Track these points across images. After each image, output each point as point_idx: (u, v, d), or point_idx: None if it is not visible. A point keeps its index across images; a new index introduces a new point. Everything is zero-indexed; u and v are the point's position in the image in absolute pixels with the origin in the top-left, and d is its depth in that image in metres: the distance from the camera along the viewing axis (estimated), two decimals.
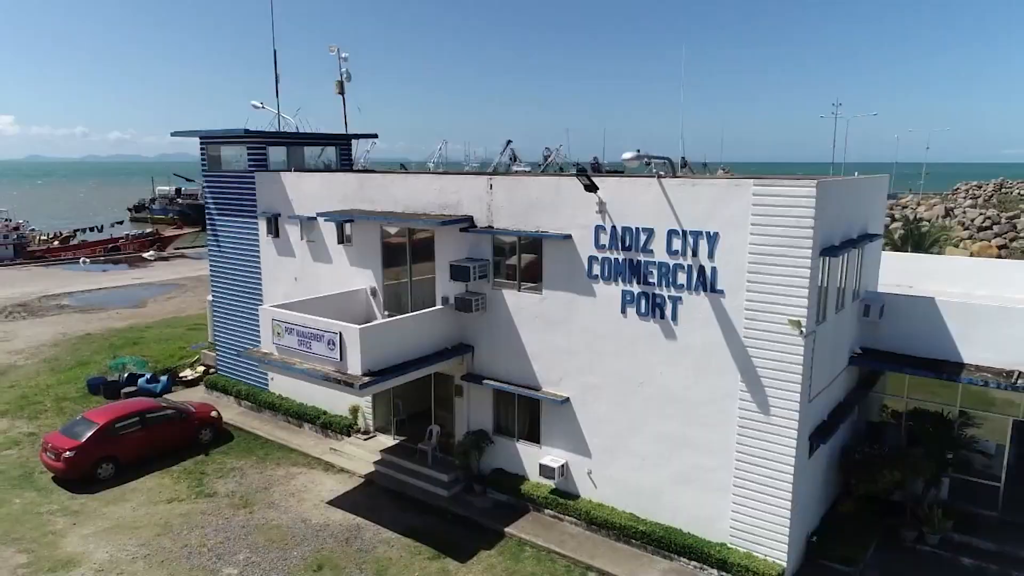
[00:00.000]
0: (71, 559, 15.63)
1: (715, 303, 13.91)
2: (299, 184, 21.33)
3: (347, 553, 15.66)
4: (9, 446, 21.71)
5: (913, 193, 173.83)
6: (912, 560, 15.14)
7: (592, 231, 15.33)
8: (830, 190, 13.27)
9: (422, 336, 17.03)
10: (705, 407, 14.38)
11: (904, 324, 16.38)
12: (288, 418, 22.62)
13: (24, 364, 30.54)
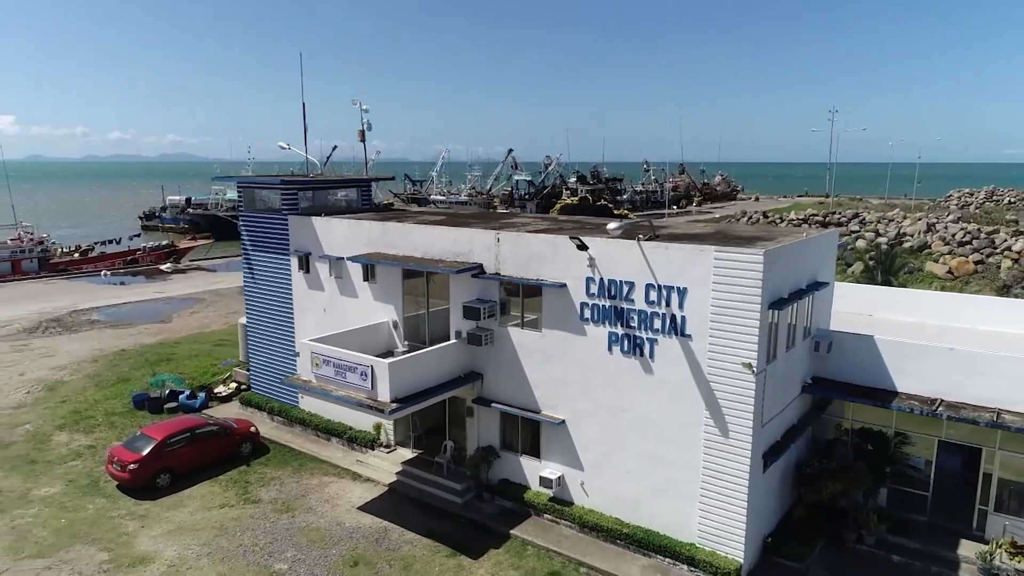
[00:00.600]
0: (145, 556, 18.57)
1: (684, 345, 16.85)
2: (328, 228, 24.27)
3: (378, 552, 18.60)
4: (73, 458, 24.66)
5: (908, 198, 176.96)
6: (852, 558, 18.06)
7: (584, 281, 18.26)
8: (777, 255, 16.19)
9: (440, 366, 19.98)
10: (677, 431, 17.31)
11: (849, 358, 19.33)
12: (317, 432, 25.55)
13: (70, 380, 33.48)
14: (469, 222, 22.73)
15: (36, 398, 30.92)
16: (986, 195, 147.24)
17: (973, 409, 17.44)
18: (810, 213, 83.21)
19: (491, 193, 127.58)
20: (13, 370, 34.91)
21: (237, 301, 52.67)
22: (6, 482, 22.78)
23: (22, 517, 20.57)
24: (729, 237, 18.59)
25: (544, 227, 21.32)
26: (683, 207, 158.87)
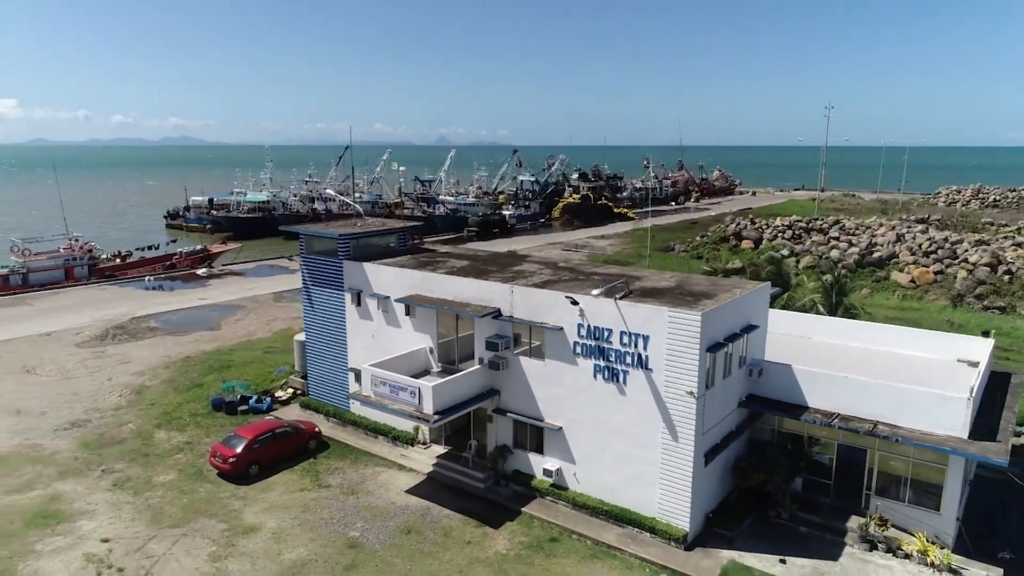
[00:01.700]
0: (253, 527, 25.26)
1: (648, 376, 23.37)
2: (377, 272, 30.78)
3: (424, 523, 25.27)
4: (176, 452, 31.34)
5: (900, 192, 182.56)
6: (771, 529, 24.67)
7: (576, 326, 24.76)
8: (712, 314, 22.64)
9: (468, 386, 26.56)
10: (642, 437, 23.87)
11: (774, 381, 25.84)
12: (367, 432, 32.18)
13: (151, 384, 40.15)
14: (488, 272, 29.21)
15: (129, 401, 37.60)
16: (972, 193, 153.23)
17: (858, 422, 23.95)
18: (795, 220, 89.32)
19: (497, 193, 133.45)
20: (101, 376, 41.60)
21: (275, 308, 59.36)
22: (132, 471, 29.48)
23: (152, 497, 27.29)
24: (684, 293, 25.05)
25: (547, 278, 27.79)
26: (681, 203, 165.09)
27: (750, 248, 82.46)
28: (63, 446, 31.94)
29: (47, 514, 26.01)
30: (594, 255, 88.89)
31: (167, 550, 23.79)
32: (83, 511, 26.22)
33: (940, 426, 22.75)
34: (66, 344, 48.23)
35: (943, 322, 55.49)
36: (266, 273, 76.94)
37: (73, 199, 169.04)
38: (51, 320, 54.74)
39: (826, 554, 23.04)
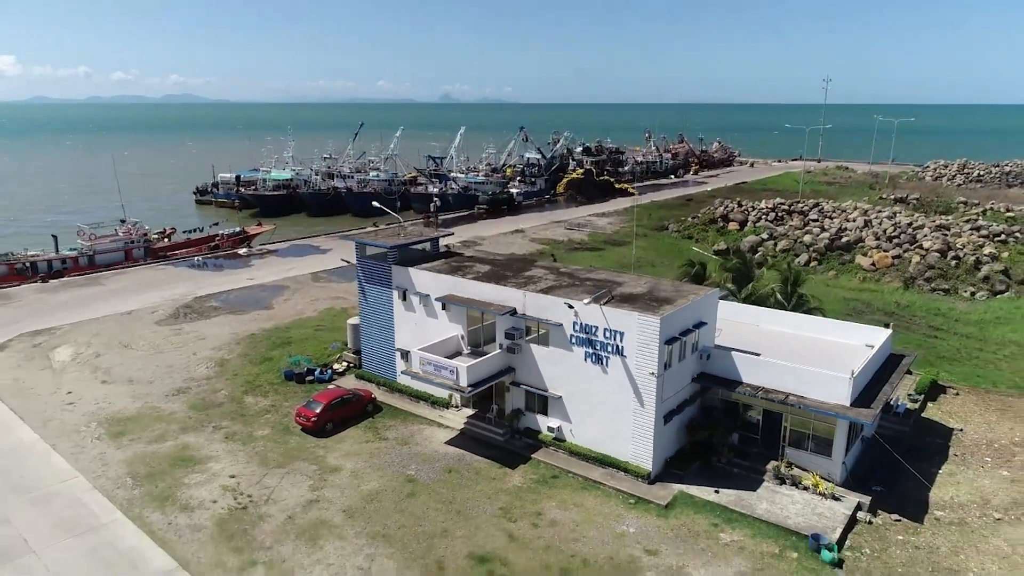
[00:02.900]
0: (336, 467, 34.65)
1: (623, 361, 32.39)
2: (419, 275, 39.68)
3: (460, 465, 34.64)
4: (265, 413, 40.68)
5: (894, 163, 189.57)
6: (712, 470, 33.90)
7: (571, 323, 33.71)
8: (669, 317, 31.50)
9: (492, 365, 35.66)
10: (620, 405, 32.99)
11: (718, 363, 34.85)
12: (410, 398, 41.42)
13: (229, 358, 49.42)
14: (506, 277, 38.06)
15: (215, 372, 46.94)
16: (958, 168, 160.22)
17: (776, 394, 32.98)
18: (778, 202, 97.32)
19: (504, 169, 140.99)
20: (186, 350, 50.90)
21: (315, 288, 68.38)
22: (235, 427, 38.89)
23: (257, 446, 36.70)
24: (652, 299, 33.88)
25: (551, 284, 36.65)
26: (680, 176, 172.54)
27: (736, 230, 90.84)
28: (176, 408, 41.38)
29: (183, 458, 35.50)
30: (595, 234, 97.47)
31: (278, 483, 33.26)
32: (209, 456, 35.70)
33: (832, 397, 31.79)
34: (147, 322, 57.47)
35: (892, 303, 64.45)
36: (298, 253, 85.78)
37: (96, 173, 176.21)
38: (125, 300, 63.92)
39: (748, 487, 32.33)
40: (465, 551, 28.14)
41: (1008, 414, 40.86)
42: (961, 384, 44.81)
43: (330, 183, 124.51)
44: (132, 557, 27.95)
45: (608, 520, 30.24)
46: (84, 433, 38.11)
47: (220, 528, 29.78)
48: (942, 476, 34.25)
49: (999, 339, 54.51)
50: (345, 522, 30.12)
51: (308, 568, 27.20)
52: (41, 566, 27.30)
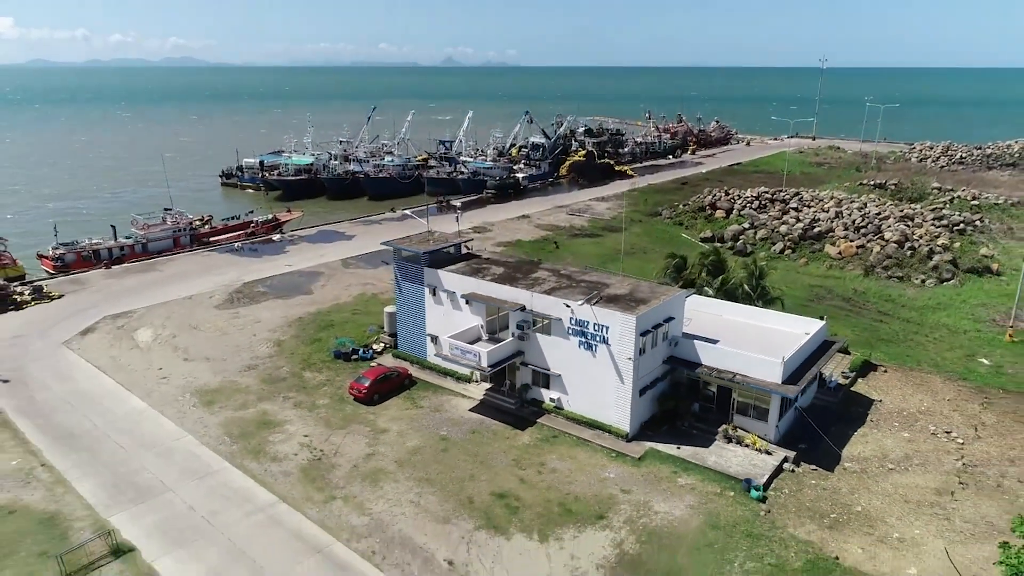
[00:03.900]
0: (385, 429, 44.54)
1: (607, 348, 42.03)
2: (447, 275, 49.17)
3: (481, 428, 44.53)
4: (322, 386, 50.49)
5: (886, 140, 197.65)
6: (677, 433, 43.66)
7: (568, 318, 43.28)
8: (644, 315, 40.99)
9: (506, 350, 45.35)
10: (605, 382, 42.70)
11: (684, 348, 44.47)
12: (438, 374, 51.17)
13: (284, 339, 59.13)
14: (516, 279, 47.48)
15: (275, 351, 56.70)
16: (943, 150, 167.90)
17: (727, 373, 42.60)
18: (762, 191, 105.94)
19: (510, 149, 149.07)
20: (247, 332, 60.61)
21: (347, 275, 77.78)
22: (300, 397, 48.73)
23: (320, 412, 46.52)
24: (632, 299, 43.26)
25: (552, 285, 46.07)
26: (678, 156, 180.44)
27: (722, 217, 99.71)
28: (250, 382, 51.24)
29: (265, 422, 45.43)
30: (594, 220, 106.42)
31: (341, 440, 43.19)
32: (285, 420, 45.63)
33: (768, 376, 41.40)
34: (207, 307, 67.14)
35: (850, 289, 73.73)
36: (327, 239, 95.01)
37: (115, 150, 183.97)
38: (182, 285, 73.49)
39: (703, 444, 42.13)
40: (488, 490, 38.09)
41: (922, 388, 50.53)
42: (890, 363, 54.43)
43: (347, 167, 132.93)
44: (243, 494, 37.98)
45: (595, 468, 40.15)
46: (182, 402, 48.06)
47: (303, 473, 39.78)
48: (856, 437, 44.02)
49: (934, 323, 63.93)
50: (397, 469, 40.10)
51: (374, 502, 37.20)
52: (179, 500, 37.35)
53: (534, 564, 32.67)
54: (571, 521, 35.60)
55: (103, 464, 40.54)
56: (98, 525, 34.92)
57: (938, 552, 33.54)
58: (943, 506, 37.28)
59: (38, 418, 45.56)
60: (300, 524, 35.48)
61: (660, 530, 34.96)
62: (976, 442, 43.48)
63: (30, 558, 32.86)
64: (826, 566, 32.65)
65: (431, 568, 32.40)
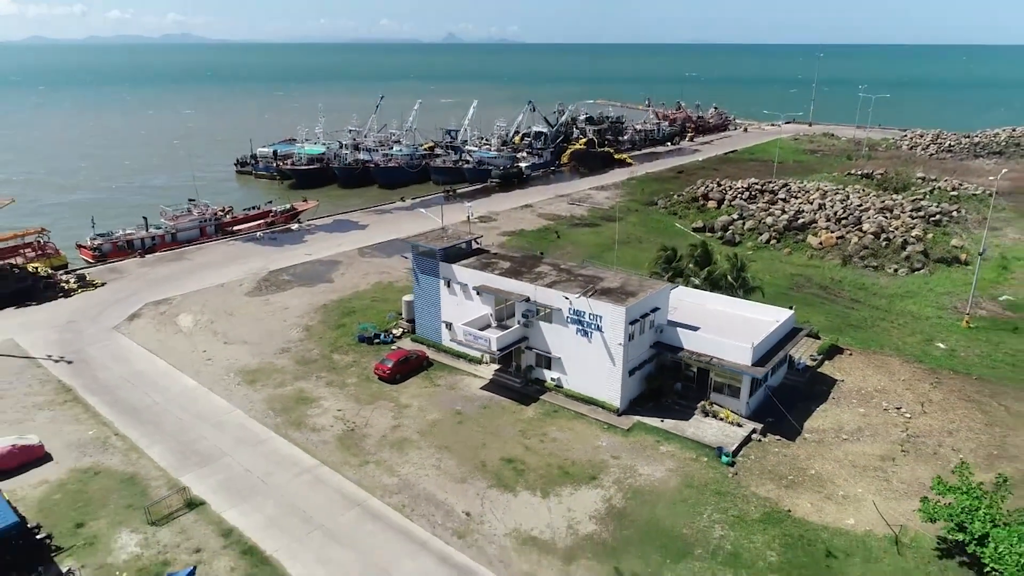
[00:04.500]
0: (407, 404, 51.17)
1: (601, 335, 48.47)
2: (460, 269, 55.51)
3: (492, 403, 51.11)
4: (350, 367, 57.03)
5: (880, 127, 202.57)
6: (661, 408, 50.16)
7: (567, 308, 49.69)
8: (633, 306, 47.36)
9: (513, 336, 51.83)
10: (599, 364, 49.17)
11: (668, 334, 50.93)
12: (452, 356, 57.66)
13: (312, 324, 65.58)
14: (522, 272, 53.79)
15: (304, 335, 63.19)
16: (932, 138, 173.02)
17: (705, 356, 49.04)
18: (752, 182, 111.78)
19: (514, 141, 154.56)
20: (277, 318, 67.06)
21: (363, 263, 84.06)
22: (331, 377, 55.30)
23: (350, 390, 53.12)
24: (623, 292, 49.58)
25: (553, 279, 52.42)
26: (676, 143, 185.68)
27: (714, 207, 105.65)
28: (285, 363, 57.78)
29: (302, 398, 52.03)
30: (593, 209, 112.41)
31: (370, 414, 49.79)
32: (319, 397, 52.22)
33: (739, 359, 47.83)
34: (238, 294, 73.58)
35: (828, 278, 79.92)
36: (342, 228, 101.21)
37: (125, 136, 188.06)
38: (213, 273, 79.85)
39: (683, 418, 48.69)
40: (498, 456, 44.73)
41: (881, 369, 56.98)
42: (856, 347, 60.84)
43: (356, 155, 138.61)
44: (290, 459, 44.65)
45: (589, 438, 46.77)
46: (227, 381, 54.65)
47: (339, 442, 46.44)
48: (817, 412, 50.54)
49: (900, 310, 70.22)
50: (419, 439, 46.75)
51: (401, 465, 43.87)
52: (236, 463, 44.04)
53: (537, 515, 39.35)
54: (568, 481, 42.26)
55: (167, 434, 47.23)
56: (171, 483, 41.65)
57: (872, 506, 40.20)
58: (884, 470, 43.90)
59: (104, 395, 52.22)
60: (340, 483, 42.19)
61: (643, 489, 41.62)
62: (921, 416, 50.03)
63: (119, 509, 39.61)
64: (779, 517, 39.33)
65: (452, 518, 39.10)
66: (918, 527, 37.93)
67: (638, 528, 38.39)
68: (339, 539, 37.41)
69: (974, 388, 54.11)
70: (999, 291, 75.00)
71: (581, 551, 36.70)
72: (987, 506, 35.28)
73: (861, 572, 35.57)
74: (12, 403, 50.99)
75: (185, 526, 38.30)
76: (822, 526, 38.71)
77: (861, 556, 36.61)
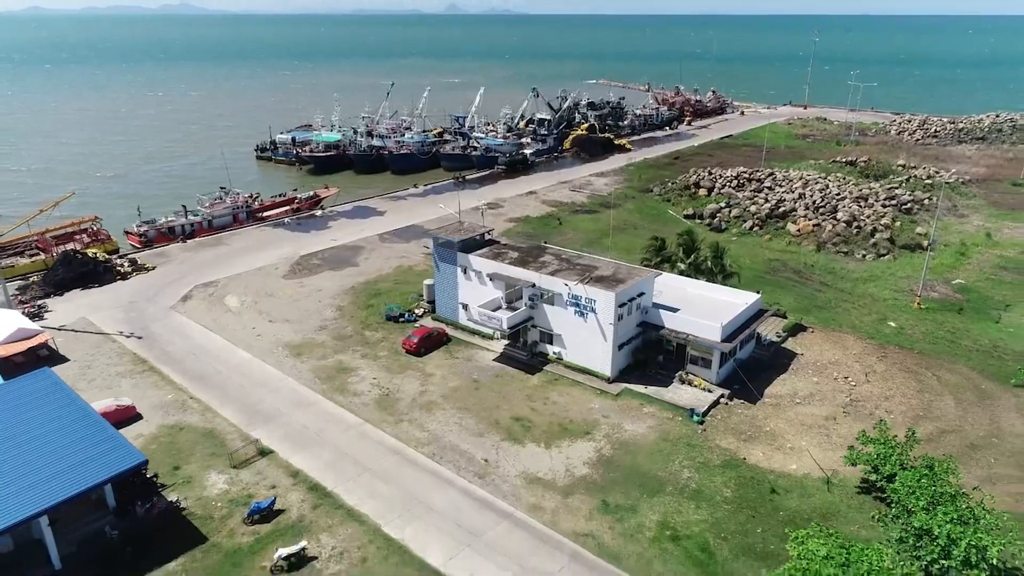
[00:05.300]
0: (431, 374, 60.64)
1: (595, 315, 57.74)
2: (475, 259, 64.69)
3: (502, 372, 60.56)
4: (380, 342, 66.44)
5: (873, 110, 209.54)
6: (646, 376, 59.58)
7: (567, 293, 58.95)
8: (622, 291, 56.56)
9: (521, 316, 61.13)
10: (593, 339, 58.51)
11: (652, 315, 60.22)
12: (468, 333, 66.98)
13: (344, 305, 74.89)
14: (528, 262, 62.93)
15: (338, 315, 72.52)
16: (919, 123, 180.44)
17: (682, 333, 58.35)
18: (740, 171, 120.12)
19: (519, 127, 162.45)
20: (312, 299, 76.36)
21: (385, 248, 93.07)
22: (365, 350, 64.66)
23: (383, 361, 62.60)
24: (613, 280, 58.68)
25: (555, 268, 61.59)
26: (674, 128, 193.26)
27: (704, 195, 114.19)
28: (324, 339, 67.19)
29: (342, 368, 61.52)
30: (593, 196, 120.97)
31: (400, 382, 59.29)
32: (357, 367, 61.70)
33: (711, 336, 57.04)
34: (275, 277, 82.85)
35: (802, 263, 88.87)
36: (362, 215, 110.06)
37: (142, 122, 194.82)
38: (250, 258, 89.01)
39: (663, 385, 58.08)
40: (508, 415, 54.25)
41: (837, 345, 66.23)
42: (818, 326, 70.02)
43: (370, 141, 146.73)
44: (338, 417, 54.23)
45: (584, 402, 56.24)
46: (277, 354, 64.12)
47: (377, 404, 56.00)
48: (777, 380, 59.89)
49: (862, 293, 79.27)
50: (443, 401, 56.27)
51: (429, 423, 53.41)
52: (295, 421, 53.64)
53: (541, 462, 48.95)
54: (567, 436, 51.82)
55: (233, 397, 56.81)
56: (244, 436, 51.29)
57: (810, 455, 49.74)
58: (827, 427, 53.39)
59: (175, 365, 61.78)
60: (381, 437, 51.81)
61: (628, 441, 51.18)
62: (864, 384, 59.41)
63: (205, 456, 49.30)
64: (736, 463, 48.90)
65: (473, 464, 48.71)
66: (845, 471, 47.47)
67: (622, 471, 48.00)
68: (383, 478, 47.09)
69: (914, 361, 63.42)
70: (954, 276, 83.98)
71: (576, 488, 46.34)
72: (898, 454, 44.74)
73: (797, 504, 45.18)
74: (99, 372, 60.59)
75: (260, 469, 48.01)
76: (770, 470, 48.29)
77: (798, 492, 46.22)
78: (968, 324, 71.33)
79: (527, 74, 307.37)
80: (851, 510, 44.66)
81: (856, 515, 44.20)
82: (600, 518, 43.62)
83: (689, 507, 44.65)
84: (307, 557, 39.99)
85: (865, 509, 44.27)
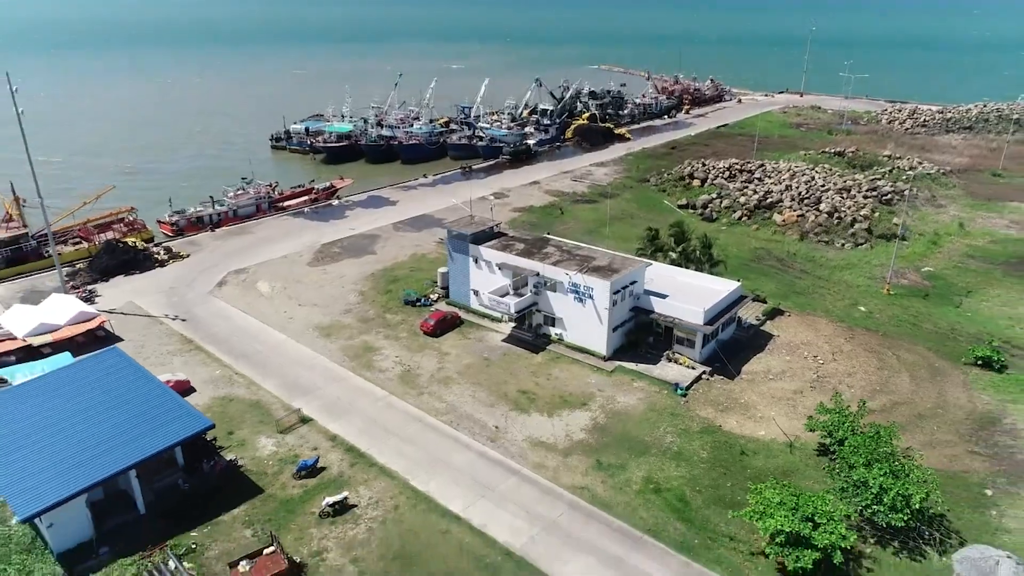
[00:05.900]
0: (447, 352, 68.28)
1: (592, 301, 65.21)
2: (485, 250, 72.09)
3: (509, 352, 68.22)
4: (400, 324, 74.04)
5: (867, 98, 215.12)
6: (637, 355, 67.07)
7: (568, 281, 66.42)
8: (616, 279, 64.02)
9: (526, 301, 68.64)
10: (591, 322, 66.07)
11: (644, 300, 67.72)
12: (479, 316, 74.49)
13: (365, 290, 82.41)
14: (533, 253, 70.34)
15: (360, 300, 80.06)
16: (908, 113, 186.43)
17: (669, 317, 65.84)
18: (732, 163, 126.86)
19: (523, 116, 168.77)
20: (336, 285, 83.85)
21: (399, 237, 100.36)
22: (387, 331, 72.29)
23: (404, 342, 70.23)
24: (609, 269, 66.06)
25: (558, 259, 69.00)
26: (673, 116, 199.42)
27: (698, 186, 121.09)
28: (350, 321, 74.80)
29: (367, 347, 69.19)
30: (593, 186, 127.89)
31: (420, 360, 66.97)
32: (380, 347, 69.36)
33: (694, 319, 64.52)
34: (299, 264, 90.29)
35: (785, 251, 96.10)
36: (376, 204, 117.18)
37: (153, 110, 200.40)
38: (274, 246, 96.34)
39: (652, 363, 65.66)
40: (515, 389, 61.95)
41: (810, 328, 73.72)
42: (794, 310, 77.46)
43: (379, 131, 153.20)
44: (366, 390, 61.98)
45: (582, 377, 63.91)
46: (308, 335, 71.77)
47: (400, 379, 63.72)
48: (754, 359, 67.46)
49: (838, 280, 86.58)
50: (459, 377, 63.98)
51: (447, 395, 61.14)
52: (329, 394, 61.37)
53: (543, 428, 56.71)
54: (566, 407, 59.56)
55: (274, 374, 64.53)
56: (286, 407, 59.05)
57: (776, 423, 57.47)
58: (794, 400, 61.07)
59: (220, 344, 69.47)
60: (405, 407, 59.58)
61: (619, 411, 58.90)
62: (831, 363, 66.98)
63: (254, 423, 57.12)
64: (712, 430, 56.63)
65: (485, 430, 56.48)
66: (806, 437, 55.19)
67: (614, 436, 55.77)
68: (409, 441, 54.91)
69: (877, 342, 70.97)
70: (924, 264, 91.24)
71: (574, 450, 54.15)
72: (850, 422, 52.38)
73: (763, 463, 52.97)
74: (152, 350, 68.32)
75: (303, 434, 55.85)
76: (741, 436, 56.05)
77: (764, 454, 54.00)
78: (931, 309, 78.75)
79: (529, 59, 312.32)
80: (808, 468, 52.45)
81: (813, 472, 51.99)
82: (594, 474, 51.44)
83: (670, 466, 52.44)
84: (349, 504, 47.88)
85: (820, 468, 52.05)
